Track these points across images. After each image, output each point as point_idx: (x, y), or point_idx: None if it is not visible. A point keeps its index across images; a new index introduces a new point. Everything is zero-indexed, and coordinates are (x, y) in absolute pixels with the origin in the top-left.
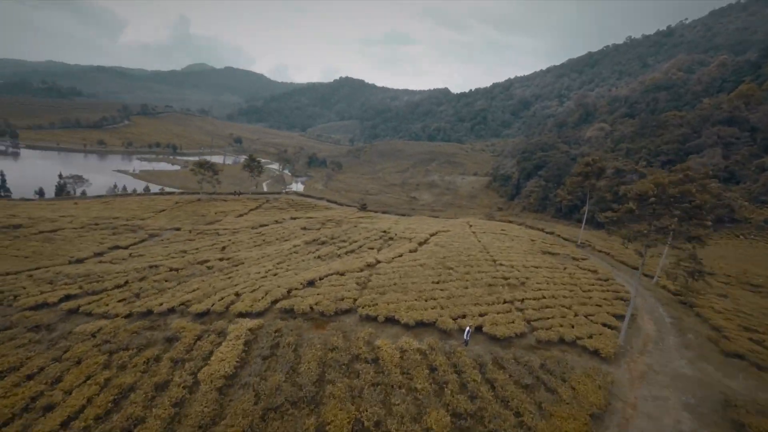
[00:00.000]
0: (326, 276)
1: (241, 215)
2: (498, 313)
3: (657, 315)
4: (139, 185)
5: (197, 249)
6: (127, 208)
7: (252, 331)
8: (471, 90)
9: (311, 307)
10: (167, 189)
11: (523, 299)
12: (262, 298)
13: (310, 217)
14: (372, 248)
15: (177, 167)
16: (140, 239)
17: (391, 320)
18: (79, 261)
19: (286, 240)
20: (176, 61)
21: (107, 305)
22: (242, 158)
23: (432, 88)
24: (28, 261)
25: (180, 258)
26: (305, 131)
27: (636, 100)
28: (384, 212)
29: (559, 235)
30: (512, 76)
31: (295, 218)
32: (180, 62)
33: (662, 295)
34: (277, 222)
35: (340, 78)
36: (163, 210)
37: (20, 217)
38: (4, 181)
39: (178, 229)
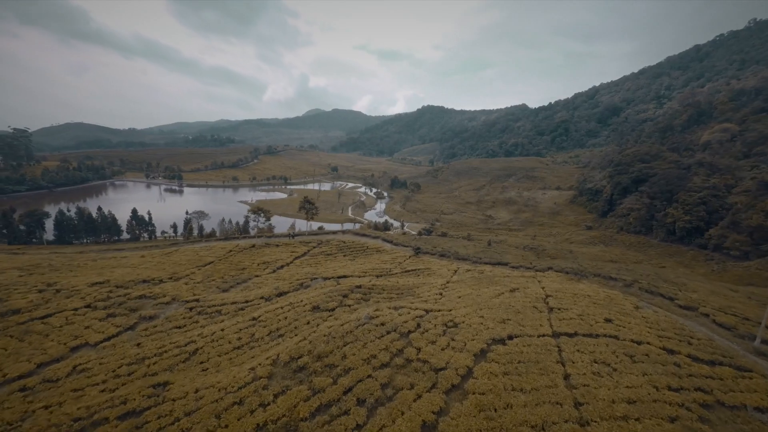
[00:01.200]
0: None
1: (281, 267)
2: None
3: None
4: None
5: (157, 355)
6: (176, 262)
7: None
8: (550, 103)
9: None
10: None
11: None
12: None
13: (341, 279)
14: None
15: (284, 195)
16: (124, 327)
17: None
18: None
19: (273, 341)
20: (299, 109)
21: None
22: (338, 184)
23: (509, 106)
24: None
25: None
26: (392, 155)
27: None
28: (442, 255)
29: (715, 320)
30: (597, 84)
31: (328, 278)
32: (301, 109)
33: None
34: (302, 285)
35: (423, 107)
36: (210, 263)
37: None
38: (150, 219)
39: (187, 302)
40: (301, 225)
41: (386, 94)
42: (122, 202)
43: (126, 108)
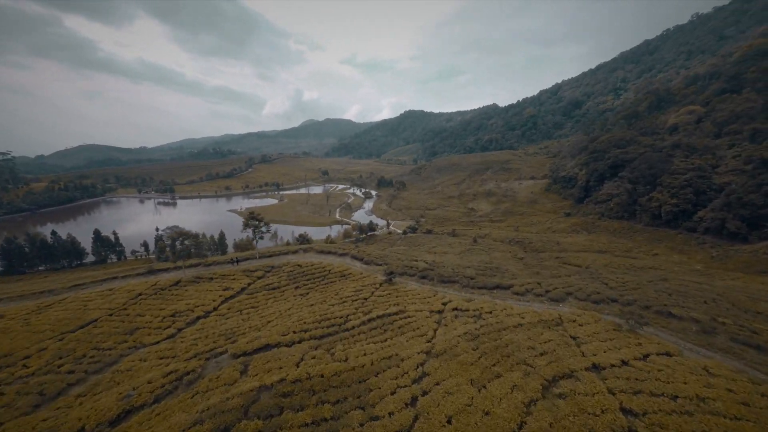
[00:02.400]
0: None
1: (196, 320)
2: None
3: None
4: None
5: None
6: (37, 326)
7: None
8: (518, 101)
9: None
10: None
11: None
12: None
13: (254, 357)
14: None
15: (275, 201)
16: None
17: None
18: None
19: None
20: (295, 120)
21: None
22: (329, 186)
23: (481, 106)
24: None
25: None
26: (380, 157)
27: (739, 72)
28: (423, 278)
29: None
30: (559, 81)
31: (238, 355)
32: (298, 120)
33: None
34: (180, 380)
35: (405, 111)
36: (92, 322)
37: None
38: (117, 239)
39: None
40: (285, 232)
41: (373, 102)
42: (111, 220)
43: (137, 129)
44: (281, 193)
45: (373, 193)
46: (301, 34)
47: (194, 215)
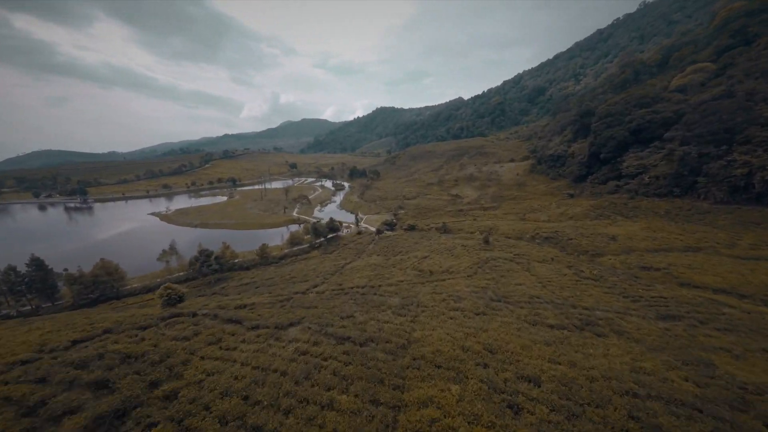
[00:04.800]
0: None
1: None
2: None
3: None
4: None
5: None
6: None
7: None
8: (484, 91)
9: None
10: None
11: None
12: None
13: None
14: None
15: (225, 198)
16: None
17: None
18: None
19: None
20: (274, 122)
21: None
22: (297, 180)
23: (448, 101)
24: None
25: None
26: (354, 151)
27: (745, 24)
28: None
29: None
30: (522, 68)
31: None
32: (276, 122)
33: None
34: None
35: (377, 108)
36: None
37: None
38: None
39: None
40: (237, 239)
41: (347, 103)
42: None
43: (111, 134)
44: (236, 189)
45: (346, 185)
46: (273, 37)
47: (98, 222)
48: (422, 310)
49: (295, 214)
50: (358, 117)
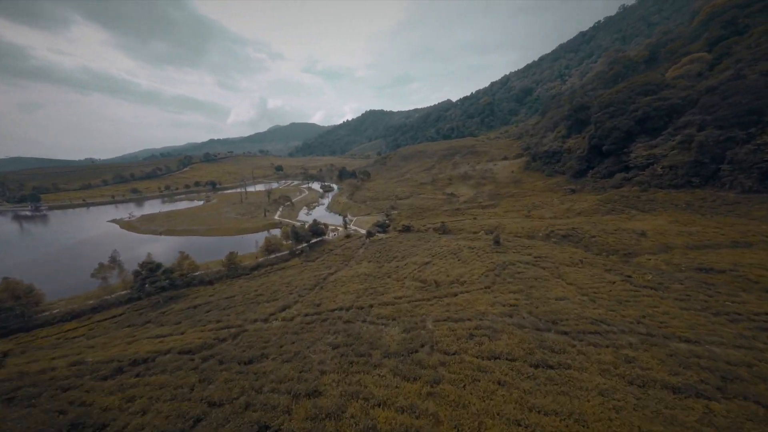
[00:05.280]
0: None
1: None
2: None
3: None
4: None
5: None
6: None
7: None
8: (472, 93)
9: None
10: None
11: None
12: None
13: None
14: None
15: (201, 202)
16: None
17: None
18: None
19: None
20: (262, 126)
21: None
22: (284, 182)
23: (437, 103)
24: None
25: None
26: (344, 154)
27: (735, 16)
28: None
29: None
30: (507, 72)
31: None
32: (264, 127)
33: None
34: None
35: (366, 111)
36: None
37: None
38: None
39: None
40: (208, 246)
41: (336, 108)
42: None
43: (89, 140)
44: (215, 193)
45: (335, 187)
46: (259, 42)
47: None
48: (441, 361)
49: (276, 217)
50: (347, 120)
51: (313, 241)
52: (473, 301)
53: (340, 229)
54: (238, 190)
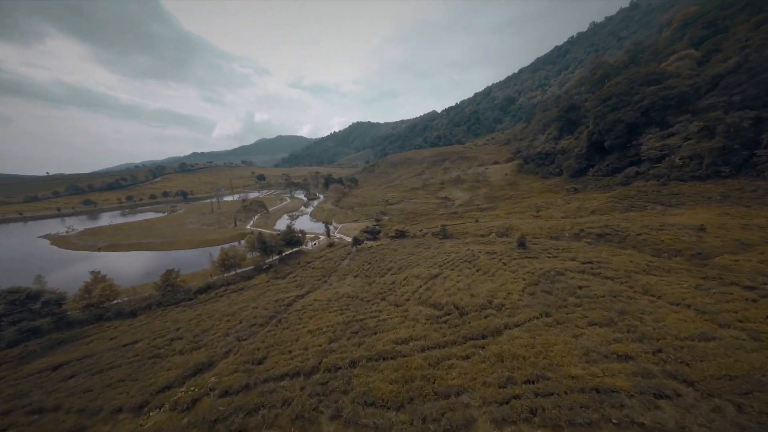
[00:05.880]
0: None
1: None
2: None
3: None
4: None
5: None
6: None
7: None
8: (457, 103)
9: None
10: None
11: None
12: None
13: None
14: None
15: (163, 214)
16: None
17: None
18: None
19: None
20: (248, 140)
21: None
22: (266, 192)
23: (423, 114)
24: None
25: None
26: (332, 164)
27: (717, 17)
28: None
29: None
30: (490, 83)
31: None
32: (251, 140)
33: None
34: None
35: (353, 123)
36: None
37: None
38: None
39: None
40: (158, 263)
41: (323, 121)
42: None
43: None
44: (185, 203)
45: (321, 196)
46: (246, 57)
47: None
48: None
49: (249, 227)
50: (334, 132)
51: (287, 252)
52: (541, 347)
53: (322, 237)
54: (213, 200)
